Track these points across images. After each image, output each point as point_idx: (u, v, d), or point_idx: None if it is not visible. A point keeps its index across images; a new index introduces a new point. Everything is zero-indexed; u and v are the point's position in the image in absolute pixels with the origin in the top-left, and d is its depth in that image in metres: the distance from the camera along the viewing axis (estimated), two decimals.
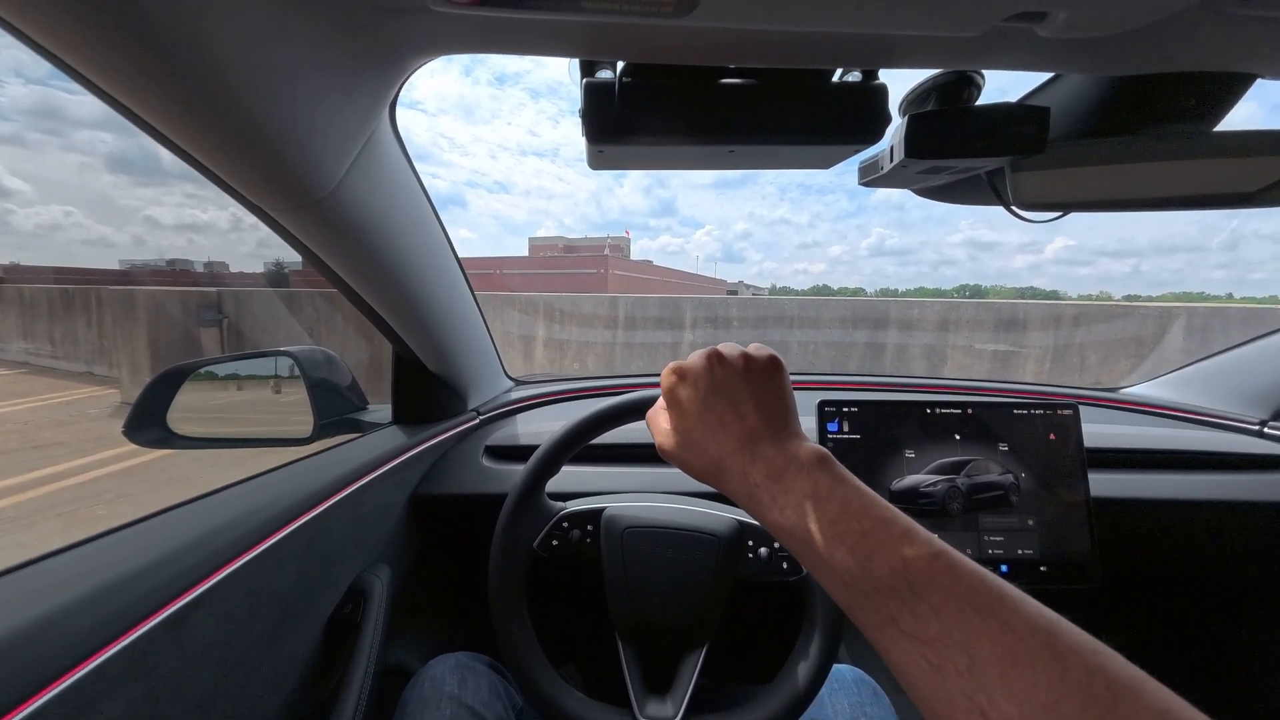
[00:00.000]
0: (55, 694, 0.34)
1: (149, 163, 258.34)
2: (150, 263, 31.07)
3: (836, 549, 0.30)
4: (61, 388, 6.54)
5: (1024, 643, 0.24)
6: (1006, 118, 0.44)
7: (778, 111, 0.45)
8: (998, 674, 0.24)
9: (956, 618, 0.26)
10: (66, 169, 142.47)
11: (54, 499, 3.23)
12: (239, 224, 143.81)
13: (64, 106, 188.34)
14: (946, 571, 0.27)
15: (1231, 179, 0.48)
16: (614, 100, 0.42)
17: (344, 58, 0.38)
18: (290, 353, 0.85)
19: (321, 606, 0.64)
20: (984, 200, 0.58)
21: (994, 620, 0.25)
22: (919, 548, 0.29)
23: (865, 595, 0.29)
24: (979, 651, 0.24)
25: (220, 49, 0.33)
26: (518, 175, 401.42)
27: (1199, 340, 4.04)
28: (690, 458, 0.38)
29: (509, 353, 5.38)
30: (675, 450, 0.39)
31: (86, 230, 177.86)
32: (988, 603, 0.26)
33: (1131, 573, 0.87)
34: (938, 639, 0.26)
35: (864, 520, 0.30)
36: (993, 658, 0.24)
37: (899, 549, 0.29)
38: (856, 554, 0.29)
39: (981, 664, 0.24)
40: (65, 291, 7.80)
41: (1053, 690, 0.22)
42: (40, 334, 7.93)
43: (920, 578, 0.27)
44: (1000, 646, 0.24)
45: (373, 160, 0.51)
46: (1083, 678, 0.23)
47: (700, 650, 0.62)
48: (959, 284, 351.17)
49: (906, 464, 0.77)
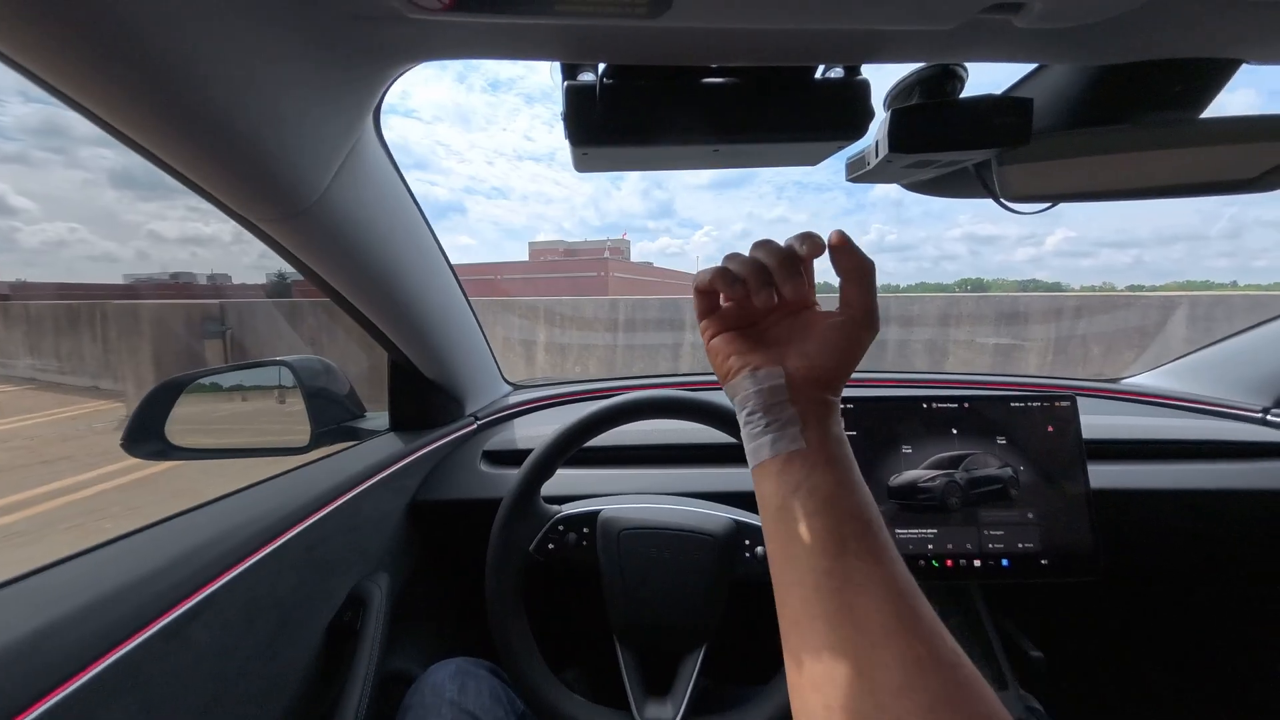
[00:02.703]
0: (50, 706, 0.34)
1: (152, 177, 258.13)
2: (154, 277, 31.27)
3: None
4: (68, 402, 6.58)
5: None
6: (990, 110, 0.44)
7: (761, 109, 0.44)
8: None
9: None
10: (70, 186, 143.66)
11: (62, 513, 3.25)
12: (241, 236, 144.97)
13: (67, 125, 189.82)
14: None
15: (1220, 166, 0.47)
16: (595, 102, 0.42)
17: (324, 67, 0.39)
18: (287, 362, 0.86)
19: (320, 615, 0.64)
20: (973, 193, 0.57)
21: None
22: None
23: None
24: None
25: (198, 63, 0.33)
26: (515, 180, 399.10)
27: (1203, 330, 4.01)
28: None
29: (510, 357, 5.39)
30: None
31: (91, 246, 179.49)
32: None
33: (1134, 563, 0.87)
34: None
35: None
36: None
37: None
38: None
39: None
40: (70, 307, 7.85)
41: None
42: (46, 350, 7.98)
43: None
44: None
45: (358, 168, 0.51)
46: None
47: (699, 651, 0.62)
48: (960, 278, 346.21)
49: (904, 460, 0.77)
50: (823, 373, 0.33)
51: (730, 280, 0.34)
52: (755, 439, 0.33)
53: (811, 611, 0.27)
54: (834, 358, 0.33)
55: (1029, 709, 0.78)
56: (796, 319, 0.36)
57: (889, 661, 0.24)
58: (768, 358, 0.34)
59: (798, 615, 0.28)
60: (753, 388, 0.33)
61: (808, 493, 0.30)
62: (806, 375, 0.33)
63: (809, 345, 0.34)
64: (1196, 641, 1.12)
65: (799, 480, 0.30)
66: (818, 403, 0.33)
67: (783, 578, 0.30)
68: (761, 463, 0.32)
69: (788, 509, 0.30)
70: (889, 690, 0.24)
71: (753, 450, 0.33)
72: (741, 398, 0.34)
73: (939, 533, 0.75)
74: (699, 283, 0.37)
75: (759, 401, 0.33)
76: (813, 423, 0.32)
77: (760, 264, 0.34)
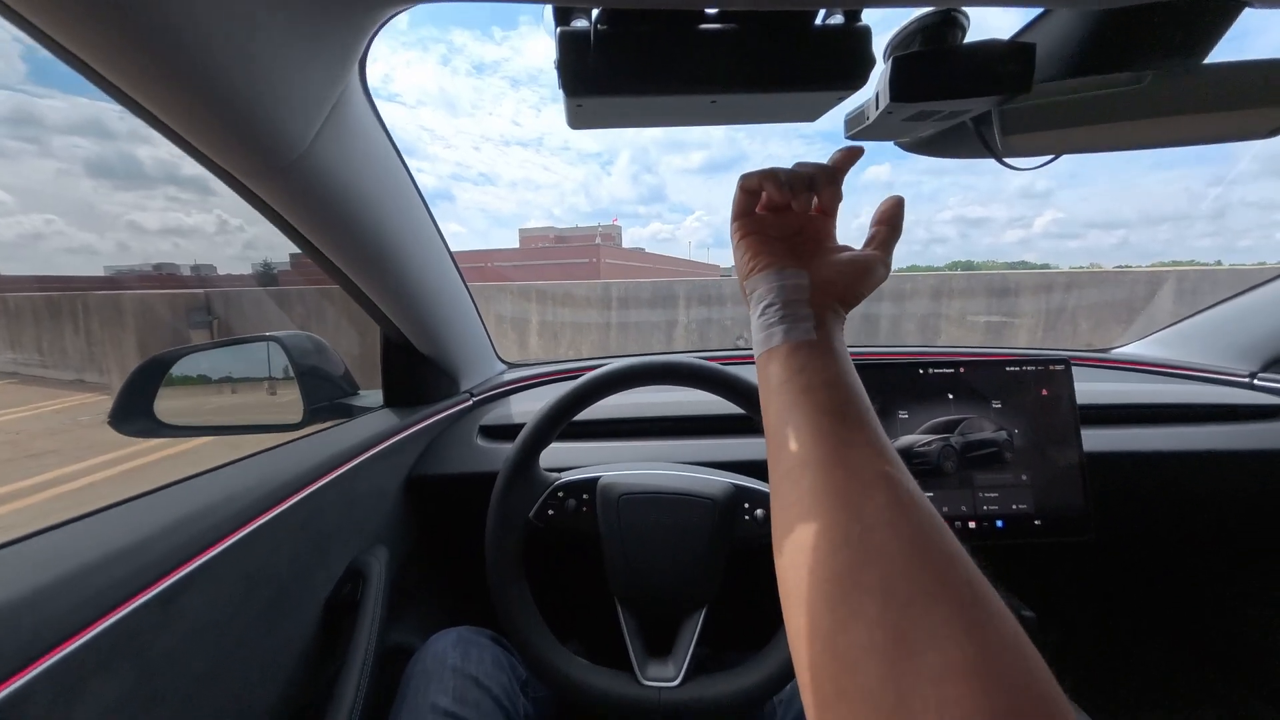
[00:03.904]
0: (43, 669, 0.34)
1: (129, 166, 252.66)
2: (136, 268, 30.64)
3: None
4: (52, 396, 6.48)
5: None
6: (992, 56, 0.43)
7: (760, 58, 0.43)
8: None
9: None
10: (44, 176, 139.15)
11: (50, 506, 3.22)
12: (225, 226, 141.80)
13: (40, 113, 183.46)
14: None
15: (1222, 113, 0.47)
16: (590, 49, 0.41)
17: (305, 9, 0.37)
18: (277, 338, 0.84)
19: (319, 588, 0.63)
20: (973, 152, 0.57)
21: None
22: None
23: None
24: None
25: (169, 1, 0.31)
26: (503, 166, 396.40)
27: (1189, 304, 4.06)
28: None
29: (503, 342, 5.37)
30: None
31: (69, 238, 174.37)
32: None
33: (1126, 524, 0.88)
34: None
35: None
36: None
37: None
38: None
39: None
40: (51, 300, 7.70)
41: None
42: (28, 343, 7.84)
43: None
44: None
45: (344, 122, 0.49)
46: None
47: (699, 613, 0.62)
48: (950, 261, 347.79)
49: (901, 425, 0.78)
50: (841, 288, 0.37)
51: (778, 183, 0.37)
52: (768, 327, 0.35)
53: (805, 460, 0.29)
54: (853, 279, 0.37)
55: None
56: (821, 246, 0.40)
57: (878, 499, 0.26)
58: (795, 263, 0.38)
59: (790, 467, 0.29)
60: (777, 282, 0.36)
61: (813, 372, 0.32)
62: (827, 285, 0.36)
63: (832, 264, 0.38)
64: (1183, 600, 1.15)
65: (804, 363, 0.33)
66: (830, 310, 0.36)
67: (779, 436, 0.31)
68: (771, 349, 0.34)
69: (792, 383, 0.32)
70: (875, 521, 0.25)
71: (763, 338, 0.35)
72: (763, 290, 0.37)
73: (935, 495, 0.76)
74: (746, 183, 0.40)
75: (779, 296, 0.36)
76: (823, 324, 0.35)
77: (804, 174, 0.38)
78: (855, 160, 0.39)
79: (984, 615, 0.22)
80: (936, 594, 0.22)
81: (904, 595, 0.22)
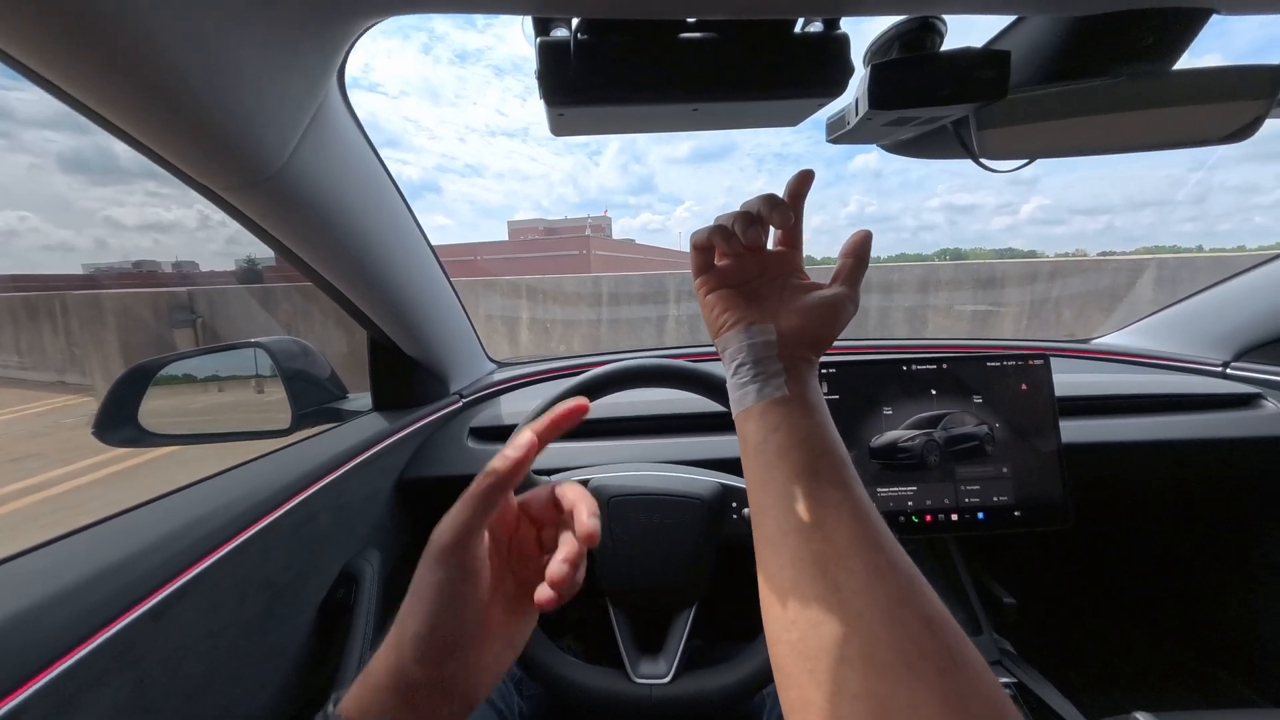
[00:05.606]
0: (38, 688, 0.34)
1: (105, 161, 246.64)
2: (115, 266, 29.94)
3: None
4: (33, 398, 6.36)
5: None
6: (968, 63, 0.44)
7: (740, 66, 0.44)
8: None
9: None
10: (16, 172, 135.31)
11: (35, 510, 3.17)
12: (206, 222, 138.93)
13: (9, 106, 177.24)
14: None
15: (1191, 117, 0.48)
16: (570, 59, 0.41)
17: (282, 19, 0.36)
18: (263, 344, 0.83)
19: (312, 593, 0.64)
20: (952, 153, 0.58)
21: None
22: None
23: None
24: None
25: (142, 15, 0.31)
26: (489, 158, 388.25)
27: (1169, 291, 4.14)
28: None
29: (493, 338, 5.34)
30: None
31: (45, 235, 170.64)
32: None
33: (1103, 511, 0.91)
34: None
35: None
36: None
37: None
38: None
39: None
40: (28, 299, 7.52)
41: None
42: (6, 345, 7.67)
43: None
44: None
45: (324, 133, 0.49)
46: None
47: (689, 610, 0.64)
48: (939, 248, 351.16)
49: (885, 421, 0.79)
50: (809, 336, 0.36)
51: (726, 235, 0.36)
52: (742, 387, 0.35)
53: (785, 528, 0.30)
54: (820, 324, 0.36)
55: (1002, 651, 0.82)
56: (787, 285, 0.39)
57: (854, 567, 0.27)
58: (761, 315, 0.37)
59: (771, 533, 0.30)
60: (745, 341, 0.36)
61: (787, 431, 0.32)
62: (794, 335, 0.36)
63: (798, 309, 0.37)
64: (1157, 582, 1.19)
65: (779, 421, 0.33)
66: (801, 360, 0.36)
67: (760, 503, 0.32)
68: (746, 409, 0.35)
69: (768, 444, 0.33)
70: (852, 590, 0.26)
71: (738, 397, 0.35)
72: (733, 350, 0.37)
73: (918, 489, 0.77)
74: (697, 240, 0.39)
75: (750, 355, 0.35)
76: (795, 376, 0.35)
77: (747, 211, 0.37)
78: (808, 184, 0.38)
79: (962, 685, 0.23)
80: (915, 664, 0.23)
81: (884, 664, 0.23)
